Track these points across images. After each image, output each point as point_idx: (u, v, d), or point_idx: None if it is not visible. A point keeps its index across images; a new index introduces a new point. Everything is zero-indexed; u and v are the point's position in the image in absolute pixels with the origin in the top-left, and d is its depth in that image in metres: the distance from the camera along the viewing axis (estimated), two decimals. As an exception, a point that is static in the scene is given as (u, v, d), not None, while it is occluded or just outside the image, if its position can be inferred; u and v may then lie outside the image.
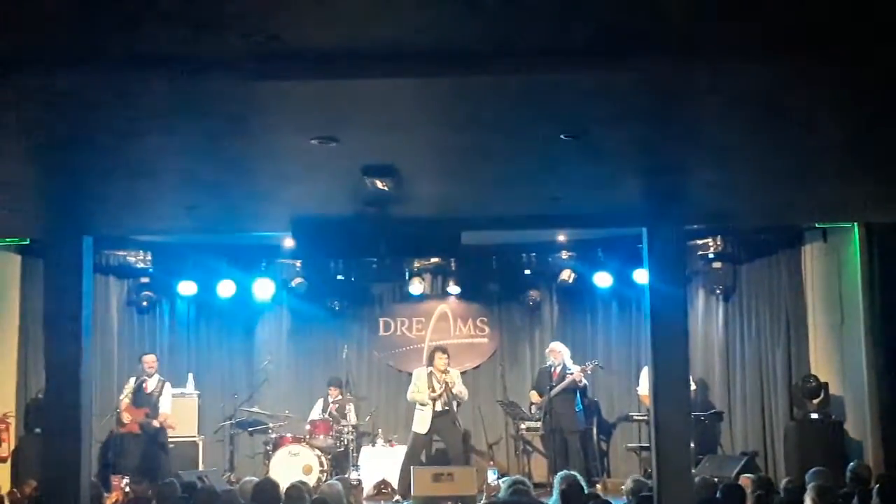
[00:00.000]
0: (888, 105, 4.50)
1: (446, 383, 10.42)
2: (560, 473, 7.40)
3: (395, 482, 10.34)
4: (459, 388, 10.57)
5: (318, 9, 3.44)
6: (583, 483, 7.20)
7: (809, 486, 6.44)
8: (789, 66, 3.96)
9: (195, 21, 3.51)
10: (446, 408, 10.42)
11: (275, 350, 12.13)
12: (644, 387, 10.58)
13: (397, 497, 10.13)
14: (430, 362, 10.61)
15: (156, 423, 10.40)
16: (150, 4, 3.40)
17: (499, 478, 10.10)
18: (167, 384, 10.72)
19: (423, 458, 10.59)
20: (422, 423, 10.45)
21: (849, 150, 5.38)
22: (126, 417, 10.34)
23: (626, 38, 3.75)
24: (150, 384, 10.57)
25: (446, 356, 10.62)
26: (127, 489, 9.09)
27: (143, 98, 4.21)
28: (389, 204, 6.18)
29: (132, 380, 10.61)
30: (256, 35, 3.58)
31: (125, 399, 10.44)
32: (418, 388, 10.53)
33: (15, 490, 8.59)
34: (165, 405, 10.57)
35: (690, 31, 3.69)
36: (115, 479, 9.55)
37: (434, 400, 10.36)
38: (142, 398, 10.46)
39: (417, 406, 10.55)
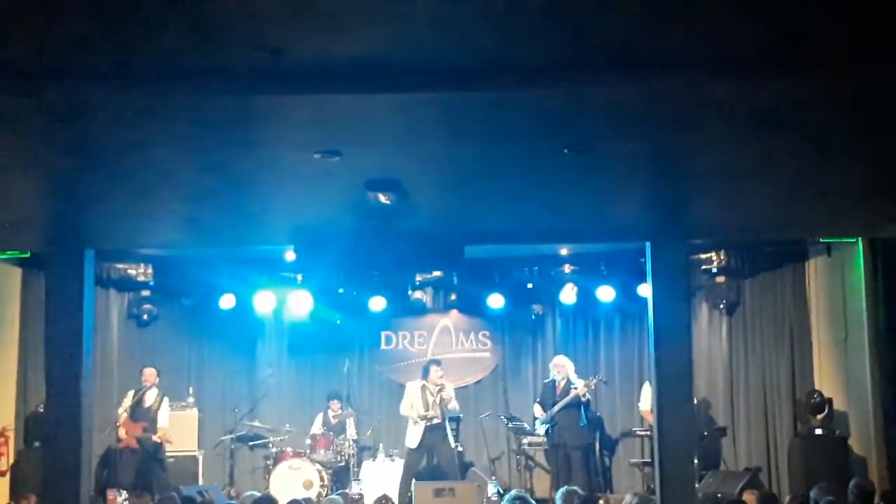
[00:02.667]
0: (892, 122, 4.49)
1: (441, 398, 10.39)
2: (561, 489, 7.37)
3: (395, 497, 10.28)
4: (454, 405, 10.56)
5: (323, 24, 3.43)
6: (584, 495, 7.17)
7: (823, 502, 6.38)
8: (796, 84, 3.95)
9: (199, 35, 3.50)
10: (438, 422, 10.39)
11: (275, 364, 12.08)
12: (645, 402, 10.54)
13: (398, 513, 10.09)
14: (425, 375, 10.60)
15: (156, 439, 10.34)
16: (155, 19, 3.39)
17: (499, 492, 10.05)
18: (166, 398, 10.65)
19: (420, 471, 10.56)
20: (413, 437, 10.46)
21: (854, 165, 5.36)
22: (123, 432, 10.27)
23: (632, 55, 3.73)
24: (149, 398, 10.50)
25: (441, 369, 10.59)
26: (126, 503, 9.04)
27: (145, 112, 4.20)
28: (392, 217, 6.16)
29: (131, 393, 10.55)
30: (261, 50, 3.57)
31: (123, 413, 10.37)
32: (411, 404, 10.53)
33: (12, 504, 8.54)
34: (163, 419, 10.50)
35: (697, 47, 3.68)
36: (110, 494, 9.45)
37: (425, 419, 10.35)
38: (140, 412, 10.39)
39: (410, 420, 10.56)
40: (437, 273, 11.56)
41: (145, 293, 11.60)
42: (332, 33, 3.50)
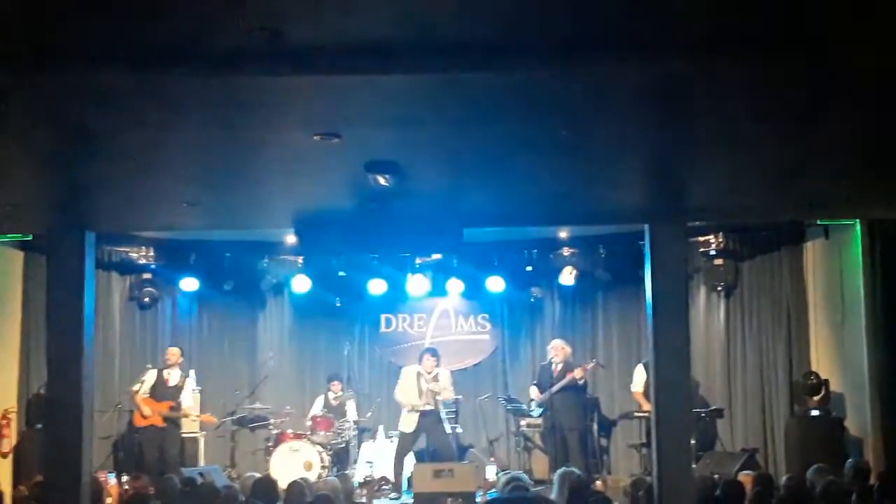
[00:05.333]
0: (889, 101, 4.51)
1: (433, 388, 10.40)
2: (559, 471, 7.42)
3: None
4: (447, 395, 10.54)
5: (320, 4, 3.45)
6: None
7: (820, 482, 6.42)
8: (790, 62, 3.97)
9: (197, 17, 3.52)
10: (431, 407, 10.41)
11: (276, 346, 12.14)
12: (637, 384, 10.60)
13: (394, 493, 10.15)
14: (420, 363, 10.65)
15: (181, 415, 10.43)
16: (152, 1, 3.41)
17: (497, 473, 10.12)
18: (189, 379, 10.72)
19: (419, 453, 10.61)
20: (408, 422, 10.48)
21: (852, 145, 5.38)
22: (147, 411, 10.31)
23: (628, 36, 3.75)
24: (173, 377, 10.55)
25: (434, 359, 10.58)
26: (126, 486, 9.06)
27: (145, 94, 4.22)
28: (392, 200, 6.19)
29: (153, 372, 10.58)
30: (259, 30, 3.59)
31: (142, 392, 10.40)
32: (404, 391, 10.56)
33: (21, 487, 8.56)
34: (188, 399, 10.58)
35: (691, 27, 3.70)
36: (101, 475, 9.43)
37: (417, 407, 10.38)
38: (163, 391, 10.44)
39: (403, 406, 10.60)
40: (436, 256, 11.58)
41: (146, 276, 11.65)
42: (331, 14, 3.52)
